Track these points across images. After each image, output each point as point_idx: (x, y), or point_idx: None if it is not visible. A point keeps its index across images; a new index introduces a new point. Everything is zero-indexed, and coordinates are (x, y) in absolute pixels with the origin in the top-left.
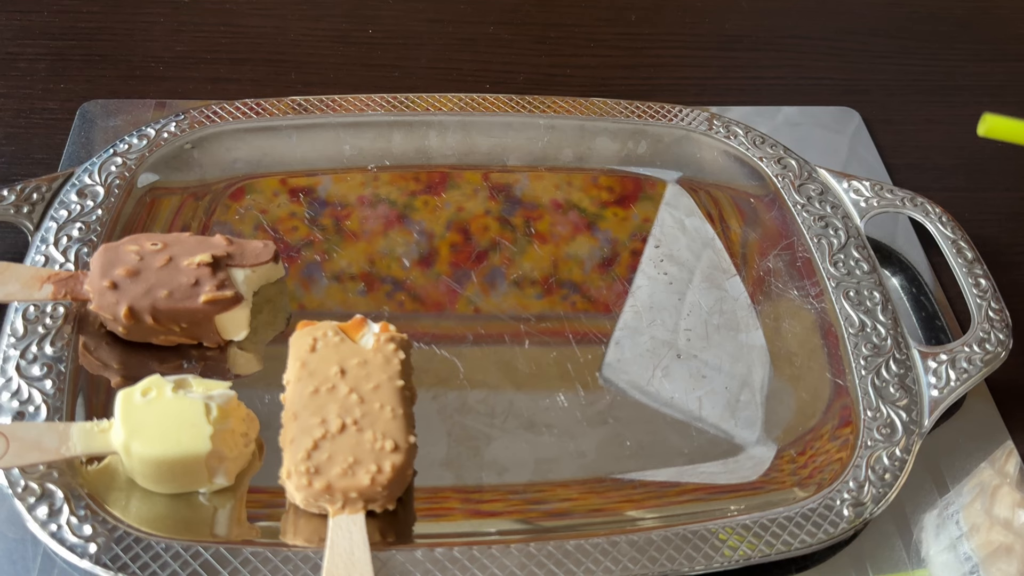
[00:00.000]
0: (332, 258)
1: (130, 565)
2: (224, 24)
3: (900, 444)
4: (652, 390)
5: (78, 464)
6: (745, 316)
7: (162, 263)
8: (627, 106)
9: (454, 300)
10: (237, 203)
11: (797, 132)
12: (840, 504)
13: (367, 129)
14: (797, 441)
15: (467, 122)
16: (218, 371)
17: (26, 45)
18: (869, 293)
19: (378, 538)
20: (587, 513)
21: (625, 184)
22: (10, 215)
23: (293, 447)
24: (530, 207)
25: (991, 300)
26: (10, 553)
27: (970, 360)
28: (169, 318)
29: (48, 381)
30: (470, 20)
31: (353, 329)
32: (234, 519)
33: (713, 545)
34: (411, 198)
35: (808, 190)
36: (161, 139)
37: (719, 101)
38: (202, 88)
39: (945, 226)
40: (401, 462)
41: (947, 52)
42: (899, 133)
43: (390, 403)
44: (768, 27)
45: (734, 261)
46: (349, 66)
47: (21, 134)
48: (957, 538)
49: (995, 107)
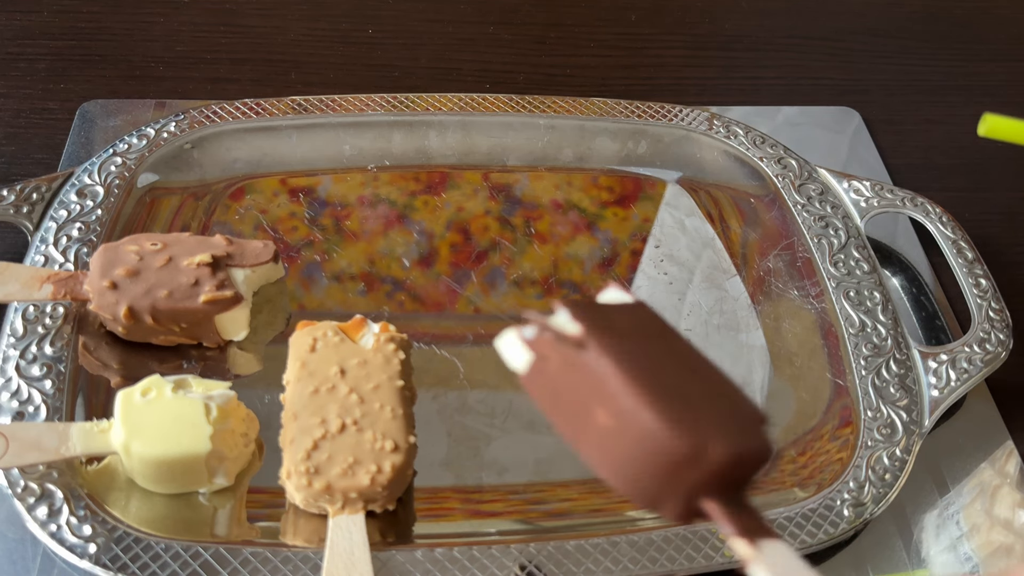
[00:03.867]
0: (332, 258)
1: (130, 565)
2: (224, 24)
3: (900, 444)
4: None
5: (78, 464)
6: (745, 316)
7: (162, 263)
8: (627, 106)
9: (454, 300)
10: (237, 203)
11: (797, 132)
12: (840, 504)
13: (367, 129)
14: (797, 441)
15: (467, 122)
16: (218, 371)
17: (26, 45)
18: (869, 293)
19: (378, 538)
20: (587, 513)
21: (625, 184)
22: (10, 215)
23: (293, 447)
24: (530, 207)
25: (991, 300)
26: (10, 553)
27: (970, 360)
28: (169, 318)
29: (48, 381)
30: (470, 20)
31: (353, 329)
32: (234, 519)
33: (713, 545)
34: (411, 198)
35: (808, 190)
36: (161, 139)
37: (719, 101)
38: (202, 88)
39: (945, 226)
40: (401, 462)
41: (947, 52)
42: (899, 133)
43: (390, 403)
44: (768, 27)
45: (734, 261)
46: (349, 66)
47: (21, 134)
48: (957, 538)
49: (995, 107)
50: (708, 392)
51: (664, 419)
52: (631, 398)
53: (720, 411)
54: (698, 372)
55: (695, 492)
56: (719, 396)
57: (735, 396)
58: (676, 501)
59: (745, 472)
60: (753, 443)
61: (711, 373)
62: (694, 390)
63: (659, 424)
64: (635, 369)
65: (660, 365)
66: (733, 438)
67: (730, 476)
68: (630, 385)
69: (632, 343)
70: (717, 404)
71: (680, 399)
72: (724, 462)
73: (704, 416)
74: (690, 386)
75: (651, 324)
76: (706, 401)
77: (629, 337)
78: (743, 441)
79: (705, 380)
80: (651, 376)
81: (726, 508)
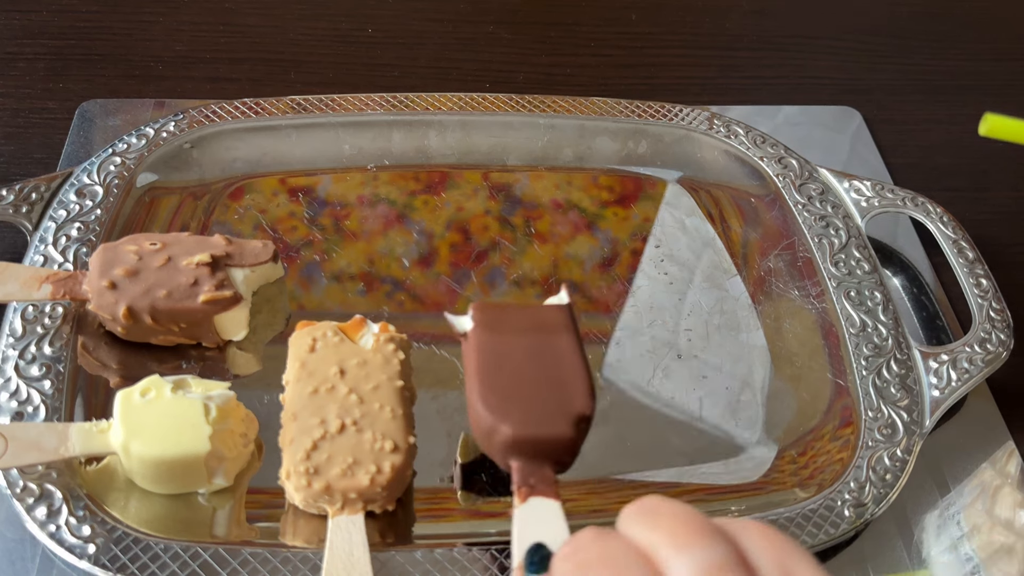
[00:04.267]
0: (331, 258)
1: (129, 566)
2: (223, 24)
3: (901, 444)
4: (652, 390)
5: (77, 464)
6: (746, 316)
7: (161, 263)
8: (627, 106)
9: (454, 300)
10: (236, 203)
11: (798, 132)
12: (841, 505)
13: (367, 129)
14: (798, 441)
15: (467, 122)
16: (217, 371)
17: (26, 45)
18: (870, 293)
19: (378, 538)
20: (587, 513)
21: (625, 184)
22: (9, 215)
23: (292, 447)
24: (530, 207)
25: (992, 300)
26: (9, 553)
27: (971, 360)
28: (168, 318)
29: (47, 381)
30: (470, 20)
31: (353, 329)
32: (233, 520)
33: None
34: (411, 198)
35: (809, 190)
36: (160, 139)
37: (719, 101)
38: (201, 87)
39: (946, 226)
40: (401, 462)
41: (947, 52)
42: (900, 133)
43: (390, 403)
44: (768, 27)
45: (735, 261)
46: (349, 66)
47: (20, 134)
48: (958, 538)
49: (995, 107)
50: (537, 386)
51: (482, 402)
52: (472, 380)
53: (531, 402)
54: (546, 369)
55: (505, 452)
56: (547, 390)
57: (564, 392)
58: (497, 456)
59: (543, 448)
60: (544, 430)
61: (560, 372)
62: (524, 383)
63: (479, 404)
64: (488, 361)
65: (513, 360)
66: (523, 424)
67: (528, 448)
68: (476, 373)
69: (505, 341)
70: (535, 396)
71: (502, 389)
72: (511, 439)
73: (513, 405)
74: (523, 379)
75: (548, 324)
76: (527, 393)
77: (508, 335)
78: (533, 428)
79: (546, 376)
80: (496, 368)
81: (522, 467)
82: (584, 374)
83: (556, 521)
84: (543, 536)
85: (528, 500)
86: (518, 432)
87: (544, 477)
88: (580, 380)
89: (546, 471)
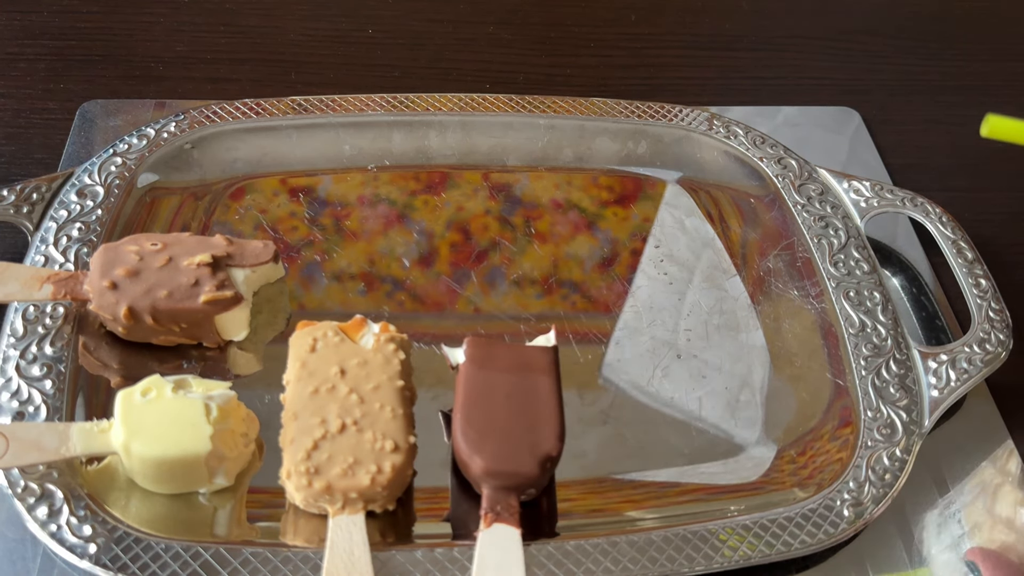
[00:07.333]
0: (332, 258)
1: (130, 565)
2: (224, 24)
3: (900, 444)
4: (652, 390)
5: (78, 464)
6: (745, 316)
7: (162, 263)
8: (627, 106)
9: (454, 300)
10: (237, 203)
11: (797, 132)
12: (840, 504)
13: (367, 129)
14: (797, 441)
15: (467, 122)
16: (218, 371)
17: (26, 45)
18: (869, 293)
19: (378, 538)
20: (587, 513)
21: (625, 184)
22: (10, 215)
23: (293, 447)
24: (530, 207)
25: (991, 300)
26: (10, 553)
27: (970, 360)
28: (169, 318)
29: (48, 381)
30: (470, 20)
31: (353, 329)
32: (234, 519)
33: (713, 545)
34: (411, 198)
35: (808, 190)
36: (161, 139)
37: (719, 101)
38: (202, 88)
39: (945, 226)
40: (401, 462)
41: (947, 52)
42: (899, 133)
43: (390, 403)
44: (768, 27)
45: (734, 261)
46: (349, 66)
47: (21, 134)
48: (959, 537)
49: (995, 107)
50: (512, 424)
51: (461, 433)
52: (456, 411)
53: (505, 439)
54: (523, 408)
55: (477, 480)
56: (521, 429)
57: (536, 433)
58: (473, 481)
59: (511, 481)
60: (512, 466)
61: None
62: (500, 420)
63: (458, 435)
64: (472, 395)
65: (494, 398)
66: (494, 459)
67: (497, 479)
68: (460, 405)
69: (490, 377)
70: (509, 434)
71: (480, 423)
72: (483, 470)
73: (488, 439)
74: (500, 416)
75: (532, 365)
76: (501, 430)
77: (493, 372)
78: (502, 463)
79: (523, 417)
80: (477, 402)
81: (490, 495)
82: (557, 417)
83: (514, 548)
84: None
85: (492, 525)
86: (489, 465)
87: (508, 506)
88: (552, 422)
89: (511, 501)
